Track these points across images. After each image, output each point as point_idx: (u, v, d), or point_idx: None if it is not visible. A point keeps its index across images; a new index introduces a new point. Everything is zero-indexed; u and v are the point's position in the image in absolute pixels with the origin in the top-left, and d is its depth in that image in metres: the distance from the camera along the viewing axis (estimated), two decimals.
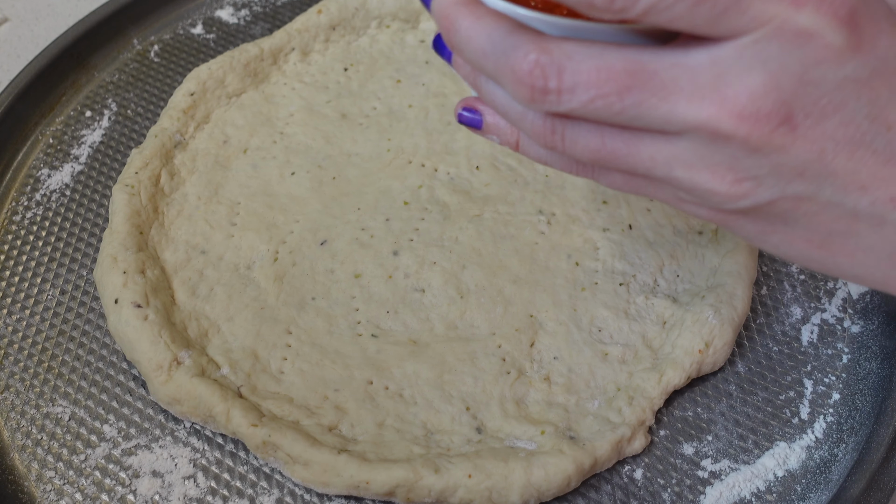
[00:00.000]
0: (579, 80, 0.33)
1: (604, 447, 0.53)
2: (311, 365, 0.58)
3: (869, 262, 0.36)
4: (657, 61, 0.32)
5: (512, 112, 0.39)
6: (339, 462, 0.52)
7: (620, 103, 0.33)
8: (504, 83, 0.35)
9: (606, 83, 0.33)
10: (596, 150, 0.36)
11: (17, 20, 0.87)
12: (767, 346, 0.61)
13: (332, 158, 0.70)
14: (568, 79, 0.33)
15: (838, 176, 0.33)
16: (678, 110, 0.32)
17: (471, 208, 0.66)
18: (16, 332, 0.62)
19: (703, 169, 0.34)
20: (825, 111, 0.31)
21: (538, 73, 0.33)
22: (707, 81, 0.32)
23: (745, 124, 0.31)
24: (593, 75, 0.33)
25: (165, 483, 0.55)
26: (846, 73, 0.31)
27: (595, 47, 0.33)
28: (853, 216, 0.34)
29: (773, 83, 0.31)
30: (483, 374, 0.57)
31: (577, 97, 0.33)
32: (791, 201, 0.34)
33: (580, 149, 0.37)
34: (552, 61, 0.33)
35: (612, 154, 0.36)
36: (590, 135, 0.36)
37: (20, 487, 0.55)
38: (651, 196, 0.39)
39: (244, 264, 0.64)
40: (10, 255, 0.67)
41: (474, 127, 0.43)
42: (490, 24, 0.35)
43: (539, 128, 0.38)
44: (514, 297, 0.61)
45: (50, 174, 0.72)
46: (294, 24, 0.77)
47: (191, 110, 0.72)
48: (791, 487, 0.55)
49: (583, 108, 0.34)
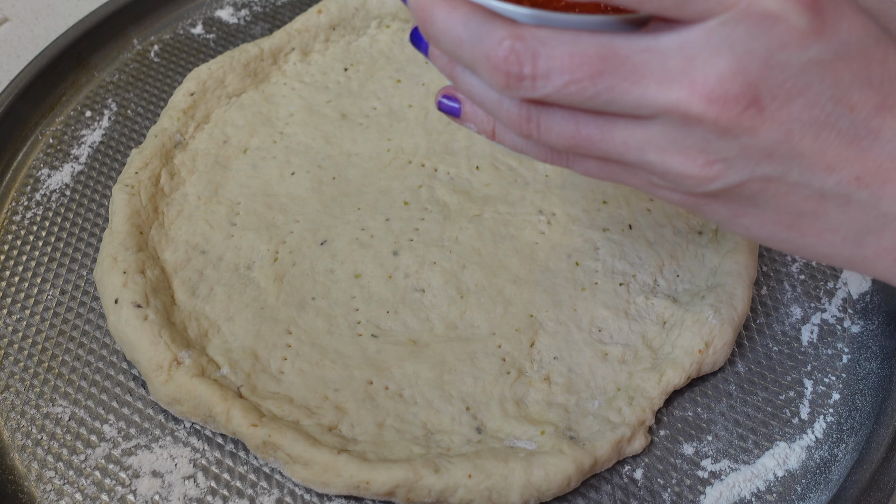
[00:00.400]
0: (553, 66, 0.34)
1: (604, 447, 0.53)
2: (311, 365, 0.58)
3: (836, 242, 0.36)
4: (628, 46, 0.33)
5: (488, 101, 0.39)
6: (339, 462, 0.52)
7: (593, 88, 0.34)
8: (479, 71, 0.36)
9: (579, 68, 0.33)
10: (570, 136, 0.37)
11: (17, 20, 0.87)
12: (767, 346, 0.61)
13: (332, 158, 0.70)
14: (542, 64, 0.34)
15: (805, 157, 0.33)
16: (649, 94, 0.33)
17: (471, 208, 0.66)
18: (16, 332, 0.62)
19: (674, 152, 0.35)
20: (791, 93, 0.32)
21: (513, 60, 0.34)
22: (677, 65, 0.32)
23: (715, 107, 0.32)
24: (566, 61, 0.33)
25: (165, 483, 0.55)
26: (810, 56, 0.32)
27: (568, 34, 0.34)
28: (821, 196, 0.35)
29: (739, 66, 0.32)
30: (483, 374, 0.57)
31: (551, 83, 0.34)
32: (760, 182, 0.35)
33: (555, 135, 0.37)
34: (526, 48, 0.34)
35: (586, 140, 0.37)
36: (564, 121, 0.37)
37: (20, 487, 0.55)
38: (625, 182, 0.40)
39: (244, 264, 0.64)
40: (10, 255, 0.67)
41: (453, 115, 0.44)
42: (465, 13, 0.35)
43: (514, 116, 0.38)
44: (514, 297, 0.61)
45: (50, 174, 0.72)
46: (294, 24, 0.77)
47: (191, 110, 0.72)
48: (791, 487, 0.55)
49: (557, 93, 0.34)
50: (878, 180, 0.34)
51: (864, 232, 0.35)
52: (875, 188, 0.34)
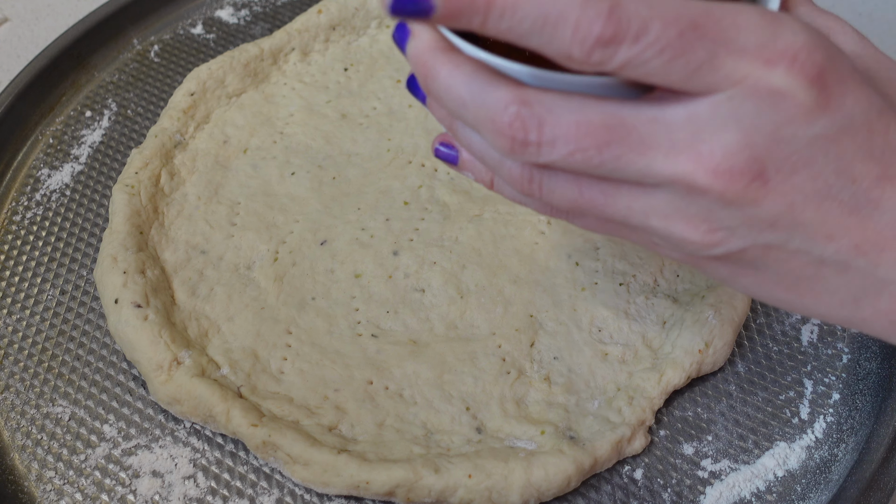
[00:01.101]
0: (559, 134, 0.33)
1: (604, 447, 0.53)
2: (311, 365, 0.58)
3: (834, 304, 0.37)
4: (635, 116, 0.33)
5: (489, 158, 0.39)
6: (339, 462, 0.52)
7: (599, 157, 0.33)
8: (483, 132, 0.35)
9: (586, 137, 0.33)
10: (573, 199, 0.37)
11: (17, 20, 0.87)
12: (767, 346, 0.61)
13: (332, 158, 0.70)
14: (548, 132, 0.34)
15: (807, 226, 0.34)
16: (656, 165, 0.33)
17: (471, 208, 0.66)
18: (16, 332, 0.62)
19: (678, 220, 0.35)
20: (795, 167, 0.33)
21: (518, 126, 0.34)
22: (683, 138, 0.33)
23: (720, 180, 0.32)
24: (573, 129, 0.33)
25: (165, 483, 0.55)
26: (816, 130, 0.32)
27: (574, 100, 0.33)
28: (820, 262, 0.35)
29: (746, 141, 0.32)
30: (483, 374, 0.57)
31: (557, 150, 0.34)
32: (762, 249, 0.35)
33: (557, 197, 0.37)
34: (532, 114, 0.34)
35: (588, 203, 0.37)
36: (567, 184, 0.37)
37: (20, 487, 0.55)
38: (625, 238, 0.40)
39: (244, 264, 0.64)
40: (10, 255, 0.67)
41: (450, 162, 0.43)
42: (468, 73, 0.35)
43: (516, 175, 0.38)
44: (514, 297, 0.61)
45: (50, 174, 0.72)
46: (294, 24, 0.77)
47: (191, 110, 0.72)
48: (791, 487, 0.55)
49: (562, 160, 0.34)
50: (877, 248, 0.34)
51: (861, 295, 0.36)
52: (873, 255, 0.34)
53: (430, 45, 0.36)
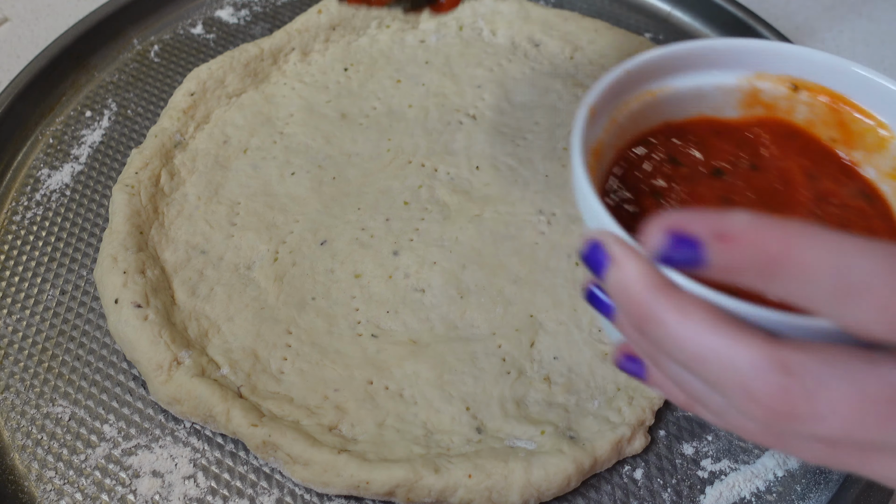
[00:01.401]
0: (834, 410, 0.29)
1: (604, 447, 0.53)
2: (311, 365, 0.58)
3: None
4: None
5: (711, 403, 0.33)
6: (339, 462, 0.52)
7: (879, 434, 0.29)
8: (726, 395, 0.30)
9: (868, 415, 0.29)
10: (823, 459, 0.33)
11: (17, 20, 0.87)
12: None
13: (332, 158, 0.70)
14: (821, 407, 0.29)
15: None
16: None
17: (471, 208, 0.66)
18: (16, 332, 0.62)
19: None
20: None
21: (781, 398, 0.29)
22: None
23: None
24: (854, 405, 0.28)
25: (165, 483, 0.55)
26: None
27: (844, 368, 0.29)
28: None
29: None
30: (483, 374, 0.57)
31: (828, 426, 0.29)
32: None
33: (804, 454, 0.33)
34: (801, 386, 0.29)
35: (840, 464, 0.32)
36: (819, 446, 0.32)
37: (20, 487, 0.55)
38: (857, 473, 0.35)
39: (244, 264, 0.64)
40: (10, 255, 0.67)
41: (636, 376, 0.37)
42: (705, 323, 0.30)
43: (753, 431, 0.33)
44: (515, 297, 0.61)
45: (50, 174, 0.72)
46: (294, 24, 0.78)
47: (191, 110, 0.72)
48: (791, 487, 0.55)
49: (830, 435, 0.29)
50: None
51: None
52: None
53: (646, 283, 0.31)
